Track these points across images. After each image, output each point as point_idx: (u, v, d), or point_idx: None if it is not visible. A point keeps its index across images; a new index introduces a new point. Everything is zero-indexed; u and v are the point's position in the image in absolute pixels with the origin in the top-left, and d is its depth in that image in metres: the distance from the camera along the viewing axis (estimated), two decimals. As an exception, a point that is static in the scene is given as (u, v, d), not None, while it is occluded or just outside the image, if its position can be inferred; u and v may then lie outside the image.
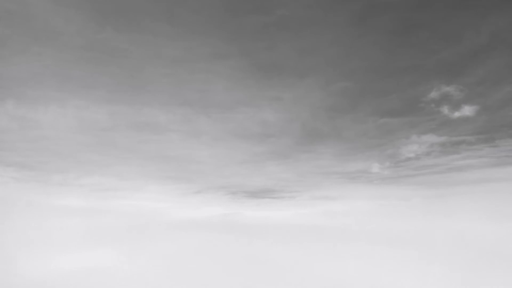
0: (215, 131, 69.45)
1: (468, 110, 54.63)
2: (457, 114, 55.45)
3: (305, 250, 42.90)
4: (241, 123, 68.96)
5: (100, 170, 66.05)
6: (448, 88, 55.63)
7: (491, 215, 53.16)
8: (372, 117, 65.36)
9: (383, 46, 60.67)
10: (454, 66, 57.56)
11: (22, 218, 54.69)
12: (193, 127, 68.61)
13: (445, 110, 56.33)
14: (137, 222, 68.57)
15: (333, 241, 51.92)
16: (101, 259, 34.18)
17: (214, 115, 67.46)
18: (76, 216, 63.26)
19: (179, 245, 46.20)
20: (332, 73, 64.33)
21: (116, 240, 49.10)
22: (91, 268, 29.62)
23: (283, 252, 41.22)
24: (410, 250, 41.20)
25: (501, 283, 25.48)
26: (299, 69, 64.81)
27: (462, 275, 28.11)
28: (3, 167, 57.66)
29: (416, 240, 49.87)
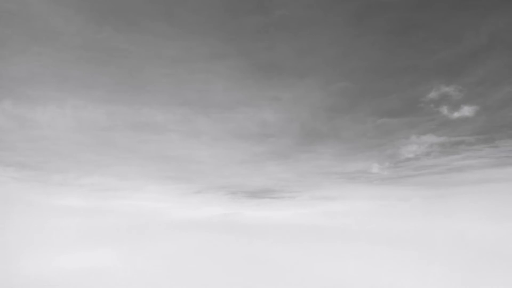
0: (215, 131, 69.55)
1: (467, 111, 54.66)
2: (456, 115, 55.50)
3: (305, 250, 42.91)
4: (241, 123, 69.06)
5: (100, 170, 66.14)
6: (448, 88, 55.68)
7: (491, 215, 53.17)
8: (371, 117, 65.52)
9: (382, 46, 60.81)
10: (453, 66, 57.68)
11: (22, 218, 54.67)
12: (192, 127, 68.70)
13: (444, 110, 56.39)
14: (137, 222, 68.58)
15: (333, 241, 51.90)
16: (101, 259, 34.17)
17: (213, 115, 67.60)
18: (76, 216, 63.28)
19: (179, 245, 46.19)
20: (332, 73, 64.49)
21: (116, 240, 49.06)
22: (91, 268, 29.62)
23: (283, 252, 41.22)
24: (410, 250, 41.21)
25: (501, 283, 25.50)
26: (299, 69, 64.92)
27: (462, 275, 28.13)
28: (3, 167, 57.71)
29: (416, 240, 49.84)
